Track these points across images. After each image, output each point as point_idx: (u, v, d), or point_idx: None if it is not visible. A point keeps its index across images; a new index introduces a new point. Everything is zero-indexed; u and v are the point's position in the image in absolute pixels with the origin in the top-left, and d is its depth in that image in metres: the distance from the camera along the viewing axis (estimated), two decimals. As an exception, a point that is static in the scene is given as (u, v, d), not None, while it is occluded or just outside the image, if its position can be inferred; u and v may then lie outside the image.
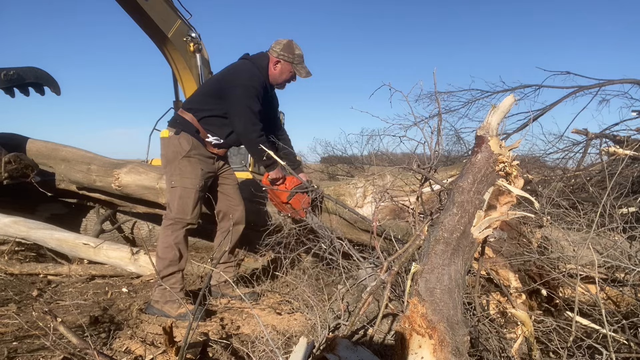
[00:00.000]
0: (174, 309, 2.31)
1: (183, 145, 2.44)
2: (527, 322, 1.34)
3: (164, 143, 2.50)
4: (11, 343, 1.87)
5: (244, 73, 2.49)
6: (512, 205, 1.27)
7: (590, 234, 1.64)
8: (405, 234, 2.32)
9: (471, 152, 1.30)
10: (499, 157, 1.23)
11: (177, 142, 2.44)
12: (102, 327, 2.14)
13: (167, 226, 2.42)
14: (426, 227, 1.53)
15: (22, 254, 3.39)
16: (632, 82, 4.17)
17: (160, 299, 2.34)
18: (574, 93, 4.38)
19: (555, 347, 1.48)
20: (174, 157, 2.44)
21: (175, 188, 2.42)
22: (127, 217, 4.06)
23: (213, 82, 2.62)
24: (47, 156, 3.88)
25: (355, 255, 2.13)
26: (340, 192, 2.86)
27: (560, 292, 1.97)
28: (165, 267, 2.35)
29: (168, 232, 2.40)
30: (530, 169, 3.62)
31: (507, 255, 1.90)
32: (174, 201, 2.42)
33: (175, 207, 2.41)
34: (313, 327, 1.92)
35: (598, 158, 3.58)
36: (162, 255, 2.38)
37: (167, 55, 6.19)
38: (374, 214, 2.09)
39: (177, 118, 2.54)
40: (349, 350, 1.15)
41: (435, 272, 1.14)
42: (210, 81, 2.78)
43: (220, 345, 1.86)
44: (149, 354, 1.76)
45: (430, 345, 1.05)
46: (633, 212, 2.37)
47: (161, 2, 5.46)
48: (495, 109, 1.28)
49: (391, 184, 2.63)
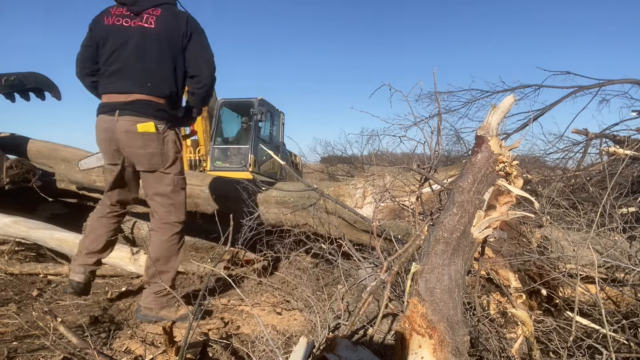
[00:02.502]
0: (172, 313, 2.23)
1: (178, 143, 2.30)
2: (527, 322, 1.34)
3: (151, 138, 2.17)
4: (11, 343, 1.87)
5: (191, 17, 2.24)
6: (512, 205, 1.27)
7: (590, 234, 1.64)
8: (405, 234, 2.32)
9: (471, 152, 1.30)
10: (499, 157, 1.23)
11: (174, 138, 2.25)
12: (102, 327, 2.14)
13: (176, 233, 2.26)
14: (426, 227, 1.53)
15: (22, 254, 3.39)
16: (632, 82, 4.17)
17: (155, 306, 2.23)
18: (574, 93, 4.38)
19: (555, 347, 1.48)
20: (175, 154, 2.26)
21: (184, 190, 2.31)
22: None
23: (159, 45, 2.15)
24: (47, 156, 3.88)
25: (355, 255, 2.13)
26: (340, 193, 2.86)
27: (560, 292, 1.97)
28: (171, 277, 2.26)
29: (176, 240, 2.26)
30: (530, 169, 3.63)
31: (507, 255, 1.90)
32: (182, 205, 2.29)
33: (183, 211, 2.30)
34: (313, 327, 1.92)
35: (598, 158, 3.59)
36: (170, 266, 2.25)
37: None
38: (374, 214, 2.09)
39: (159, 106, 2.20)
40: (349, 350, 1.15)
41: (435, 272, 1.14)
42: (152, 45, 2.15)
43: (220, 345, 1.86)
44: (149, 354, 1.76)
45: (430, 345, 1.05)
46: (633, 212, 2.37)
47: (161, 2, 5.45)
48: (495, 109, 1.28)
49: (391, 184, 2.63)
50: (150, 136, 2.15)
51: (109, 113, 2.17)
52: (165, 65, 2.18)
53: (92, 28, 2.23)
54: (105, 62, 2.19)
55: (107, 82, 2.20)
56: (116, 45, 2.16)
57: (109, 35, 2.17)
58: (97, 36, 2.20)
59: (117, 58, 2.16)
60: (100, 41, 2.19)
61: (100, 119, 2.21)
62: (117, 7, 2.20)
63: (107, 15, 2.19)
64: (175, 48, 2.18)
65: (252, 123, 7.21)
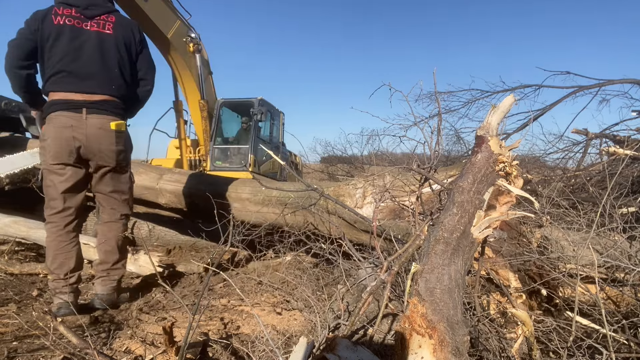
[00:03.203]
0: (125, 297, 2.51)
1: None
2: (527, 322, 1.34)
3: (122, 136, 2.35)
4: (11, 343, 1.87)
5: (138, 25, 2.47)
6: (512, 205, 1.27)
7: (590, 234, 1.64)
8: (405, 234, 2.32)
9: (471, 152, 1.30)
10: (499, 157, 1.23)
11: (129, 136, 2.45)
12: (102, 327, 2.14)
13: (125, 223, 2.50)
14: (426, 227, 1.53)
15: (22, 254, 3.39)
16: (632, 82, 4.17)
17: (116, 290, 2.45)
18: (574, 93, 4.38)
19: (555, 347, 1.48)
20: (131, 150, 2.47)
21: (134, 184, 2.54)
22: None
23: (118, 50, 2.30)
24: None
25: (355, 255, 2.13)
26: (340, 193, 2.86)
27: (560, 292, 1.97)
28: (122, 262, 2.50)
29: (125, 228, 2.50)
30: (530, 169, 3.63)
31: (507, 255, 1.90)
32: (132, 198, 2.52)
33: (131, 201, 2.51)
34: (313, 327, 1.92)
35: (598, 158, 3.59)
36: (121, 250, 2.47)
37: (166, 56, 6.20)
38: (374, 214, 2.09)
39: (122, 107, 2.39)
40: (349, 350, 1.15)
41: (435, 272, 1.14)
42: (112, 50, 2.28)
43: (220, 345, 1.85)
44: (149, 354, 1.76)
45: (430, 345, 1.05)
46: (633, 212, 2.37)
47: (160, 3, 5.47)
48: (495, 109, 1.28)
49: (391, 184, 2.63)
50: (121, 134, 2.33)
51: (73, 110, 2.20)
52: (123, 69, 2.34)
53: (35, 24, 2.20)
54: (59, 60, 2.20)
55: (65, 81, 2.22)
56: (72, 46, 2.22)
57: (60, 35, 2.20)
58: (44, 33, 2.20)
59: (75, 59, 2.21)
60: (49, 39, 2.20)
61: (59, 115, 2.20)
62: (63, 8, 2.23)
63: (54, 15, 2.21)
64: (130, 54, 2.37)
65: (252, 123, 7.21)
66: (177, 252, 3.86)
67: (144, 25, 5.36)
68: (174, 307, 2.41)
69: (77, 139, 2.20)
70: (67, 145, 2.20)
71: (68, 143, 2.20)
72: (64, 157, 2.22)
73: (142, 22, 5.28)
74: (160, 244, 3.96)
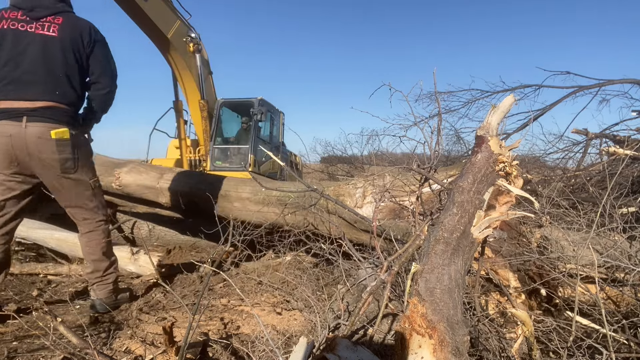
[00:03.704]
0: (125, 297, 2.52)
1: (89, 148, 2.42)
2: (527, 322, 1.34)
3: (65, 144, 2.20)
4: (11, 343, 1.87)
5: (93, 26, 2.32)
6: (511, 205, 1.27)
7: (590, 234, 1.64)
8: (405, 234, 2.32)
9: (471, 152, 1.30)
10: (499, 157, 1.23)
11: (86, 143, 2.37)
12: (102, 327, 2.14)
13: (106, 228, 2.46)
14: (426, 227, 1.54)
15: (22, 254, 3.39)
16: (632, 82, 4.17)
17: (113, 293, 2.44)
18: (574, 93, 4.38)
19: (555, 347, 1.48)
20: (87, 157, 2.37)
21: (101, 188, 2.49)
22: (127, 216, 4.06)
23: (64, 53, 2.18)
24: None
25: (355, 255, 2.13)
26: (339, 193, 2.85)
27: (560, 292, 1.97)
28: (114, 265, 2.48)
29: (108, 232, 2.46)
30: (530, 169, 3.63)
31: (507, 255, 1.90)
32: (103, 202, 2.47)
33: (102, 206, 2.46)
34: (313, 327, 1.92)
35: (598, 158, 3.59)
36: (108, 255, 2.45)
37: (166, 56, 6.19)
38: (374, 214, 2.09)
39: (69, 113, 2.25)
40: (349, 350, 1.15)
41: (435, 272, 1.14)
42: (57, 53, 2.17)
43: (220, 345, 1.86)
44: (149, 354, 1.76)
45: (430, 345, 1.05)
46: (633, 212, 2.37)
47: (160, 3, 5.46)
48: (495, 109, 1.28)
49: (391, 184, 2.63)
50: (64, 142, 2.18)
51: (13, 119, 2.10)
52: (70, 73, 2.21)
53: None
54: (2, 67, 2.12)
55: (7, 89, 2.12)
56: (16, 51, 2.12)
57: (3, 40, 2.12)
58: None
59: (18, 64, 2.12)
60: None
61: (0, 124, 2.11)
62: (10, 11, 2.14)
63: (0, 19, 2.13)
64: (78, 56, 2.24)
65: (252, 123, 7.21)
66: (177, 252, 3.86)
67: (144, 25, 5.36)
68: (174, 307, 2.41)
69: (16, 147, 2.11)
70: (8, 156, 2.13)
71: (8, 153, 2.12)
72: (4, 166, 2.15)
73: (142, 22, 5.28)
74: (160, 244, 3.97)
